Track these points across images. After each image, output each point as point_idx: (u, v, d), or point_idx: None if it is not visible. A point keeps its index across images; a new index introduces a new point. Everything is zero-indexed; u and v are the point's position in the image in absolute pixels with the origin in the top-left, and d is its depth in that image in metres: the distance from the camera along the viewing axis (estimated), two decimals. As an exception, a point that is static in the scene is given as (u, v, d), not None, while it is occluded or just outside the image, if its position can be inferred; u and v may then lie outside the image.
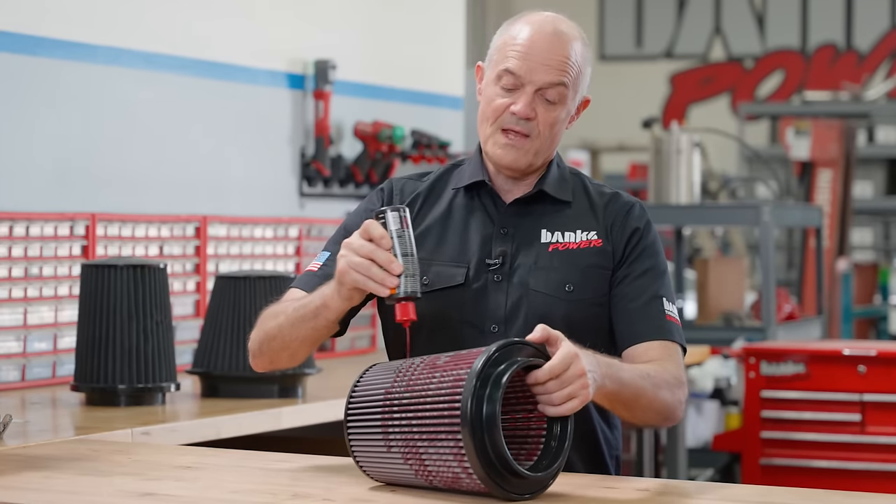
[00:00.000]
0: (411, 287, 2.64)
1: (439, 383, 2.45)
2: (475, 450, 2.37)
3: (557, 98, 2.84)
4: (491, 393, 2.38)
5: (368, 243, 2.64)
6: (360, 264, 2.64)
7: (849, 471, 5.32)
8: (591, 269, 2.87)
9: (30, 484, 2.72)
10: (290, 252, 5.30)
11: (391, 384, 2.54)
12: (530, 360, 2.44)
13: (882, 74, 12.87)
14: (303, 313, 2.79)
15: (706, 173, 8.12)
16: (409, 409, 2.48)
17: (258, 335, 2.89)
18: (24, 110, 4.45)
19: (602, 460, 2.92)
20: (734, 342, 6.16)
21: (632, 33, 13.78)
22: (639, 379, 2.71)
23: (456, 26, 6.46)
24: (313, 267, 2.94)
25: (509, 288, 2.85)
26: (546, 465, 2.46)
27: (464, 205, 2.93)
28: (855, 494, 2.60)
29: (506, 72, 2.83)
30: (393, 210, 2.67)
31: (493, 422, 2.37)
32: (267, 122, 5.41)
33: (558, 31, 2.85)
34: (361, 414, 2.57)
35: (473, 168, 2.94)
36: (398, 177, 3.02)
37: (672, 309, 2.88)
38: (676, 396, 2.79)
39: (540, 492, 2.46)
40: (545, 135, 2.85)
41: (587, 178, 2.99)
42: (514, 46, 2.83)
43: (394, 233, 2.65)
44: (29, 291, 4.35)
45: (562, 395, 2.45)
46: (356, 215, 2.96)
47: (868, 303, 10.71)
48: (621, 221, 2.91)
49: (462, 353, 2.49)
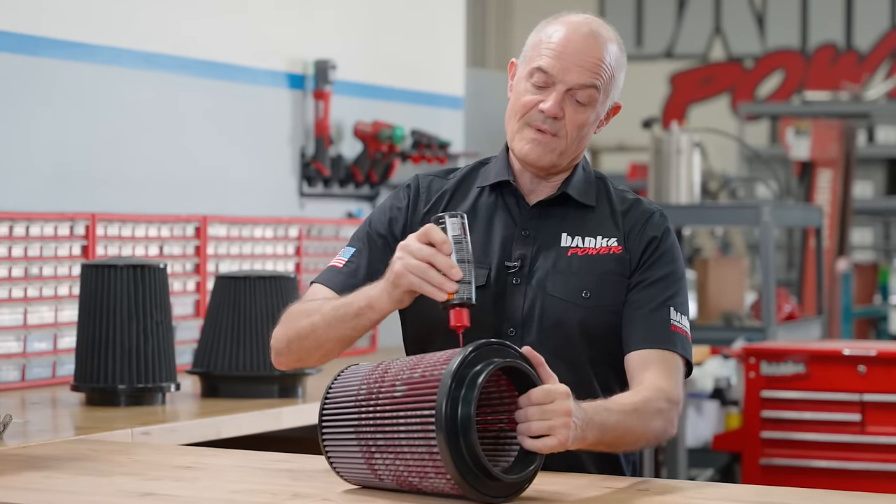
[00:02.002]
0: (468, 293, 2.62)
1: (415, 384, 2.42)
2: (450, 452, 2.33)
3: (587, 100, 2.82)
4: (466, 394, 2.35)
5: (428, 247, 2.61)
6: (417, 267, 2.60)
7: (849, 471, 5.32)
8: (609, 275, 2.84)
9: (30, 484, 2.72)
10: (290, 252, 5.30)
11: (366, 385, 2.51)
12: (507, 362, 2.40)
13: (882, 74, 12.87)
14: (343, 313, 2.75)
15: (706, 173, 8.12)
16: (383, 411, 2.45)
17: (286, 333, 2.84)
18: (25, 110, 4.45)
19: (618, 464, 2.88)
20: (734, 342, 6.16)
21: (632, 33, 13.77)
22: (625, 417, 2.65)
23: (456, 26, 6.46)
24: (337, 263, 2.90)
25: (527, 291, 2.83)
26: (522, 468, 2.42)
27: (488, 204, 2.91)
28: (855, 494, 2.59)
29: (538, 69, 2.81)
30: (452, 216, 2.65)
31: (467, 423, 2.34)
32: (267, 122, 5.41)
33: (594, 33, 2.83)
34: (335, 415, 2.55)
35: (499, 167, 2.93)
36: (424, 173, 2.99)
37: (679, 319, 2.83)
38: (669, 419, 2.75)
39: (516, 495, 2.43)
40: (572, 136, 2.83)
41: (612, 182, 2.97)
42: (549, 45, 2.81)
43: (453, 239, 2.63)
44: (29, 291, 4.35)
45: (542, 426, 2.41)
46: (381, 212, 2.94)
47: (868, 303, 10.71)
48: (640, 229, 2.87)
49: (439, 354, 2.46)
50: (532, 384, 2.43)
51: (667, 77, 13.69)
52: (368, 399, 2.49)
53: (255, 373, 4.06)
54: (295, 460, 2.91)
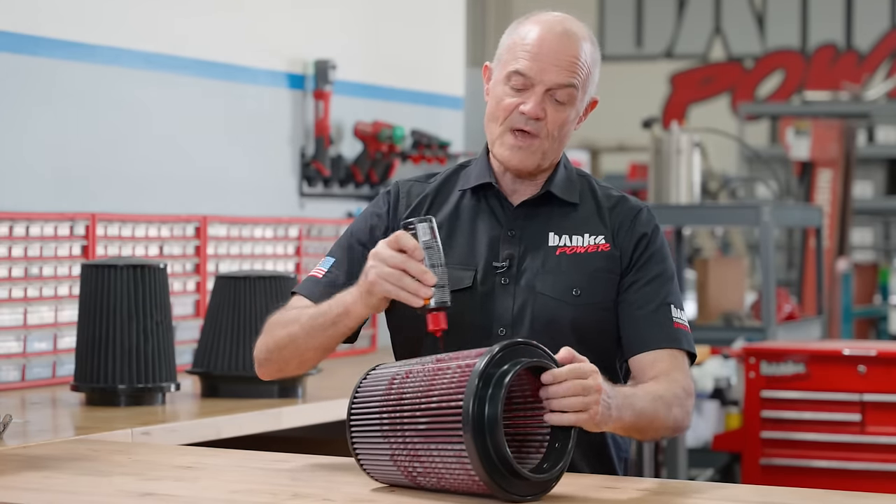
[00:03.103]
0: (443, 297, 2.65)
1: (441, 384, 2.44)
2: (477, 451, 2.35)
3: (567, 99, 2.83)
4: (493, 393, 2.37)
5: (399, 254, 2.64)
6: (391, 275, 2.64)
7: (849, 471, 5.32)
8: (599, 273, 2.85)
9: (30, 484, 2.72)
10: (290, 252, 5.30)
11: (394, 385, 2.53)
12: (534, 361, 2.43)
13: (882, 74, 12.87)
14: (321, 322, 2.78)
15: (706, 173, 8.12)
16: (410, 410, 2.47)
17: (266, 343, 2.87)
18: (24, 110, 4.45)
19: (610, 463, 2.91)
20: (734, 342, 6.16)
21: (632, 33, 13.78)
22: (652, 403, 2.70)
23: (456, 26, 6.46)
24: (317, 273, 2.92)
25: (516, 291, 2.84)
26: (549, 467, 2.44)
27: (471, 206, 2.92)
28: (855, 494, 2.59)
29: (515, 72, 2.82)
30: (421, 221, 2.68)
31: (494, 422, 2.36)
32: (267, 122, 5.41)
33: (568, 32, 2.84)
34: (364, 415, 2.57)
35: (480, 169, 2.93)
36: (404, 179, 3.00)
37: (680, 315, 2.86)
38: (686, 409, 2.79)
39: (543, 493, 2.45)
40: (554, 135, 2.84)
41: (594, 179, 2.98)
42: (524, 46, 2.82)
43: (424, 244, 2.66)
44: (29, 291, 4.35)
45: (575, 401, 2.43)
46: (362, 220, 2.95)
47: (868, 303, 10.71)
48: (628, 226, 2.89)
49: (464, 353, 2.48)
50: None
51: (667, 77, 13.69)
52: (398, 399, 2.50)
53: (255, 373, 4.05)
54: (295, 460, 2.91)
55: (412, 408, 2.47)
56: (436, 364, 2.50)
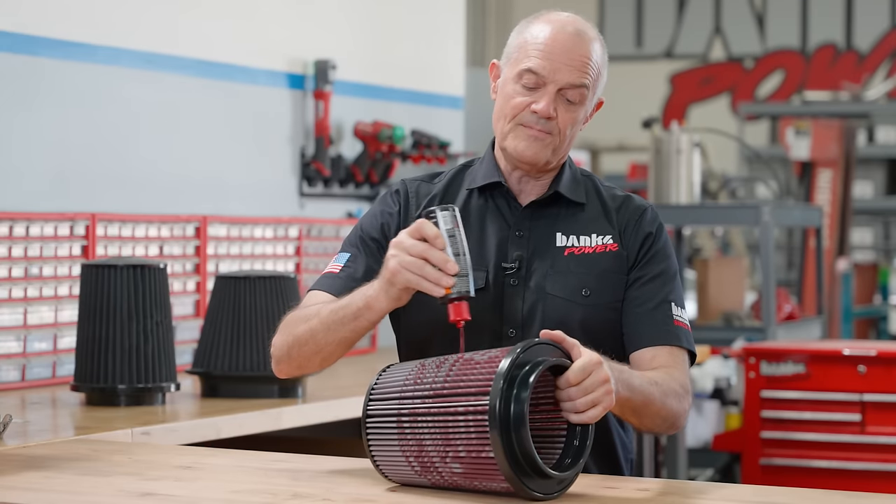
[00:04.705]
0: (465, 287, 2.60)
1: (462, 383, 2.44)
2: (504, 450, 2.36)
3: (578, 99, 2.83)
4: (518, 393, 2.38)
5: (421, 243, 2.60)
6: (412, 263, 2.59)
7: (849, 471, 5.31)
8: (608, 273, 2.86)
9: (30, 484, 2.72)
10: (290, 252, 5.30)
11: (410, 385, 2.52)
12: (556, 361, 2.44)
13: (882, 74, 12.87)
14: (341, 315, 2.73)
15: (706, 173, 8.12)
16: (429, 411, 2.47)
17: (286, 340, 2.83)
18: (24, 110, 4.45)
19: (617, 463, 2.91)
20: (734, 342, 6.16)
21: (632, 33, 13.77)
22: (647, 385, 2.70)
23: (456, 26, 6.46)
24: (334, 269, 2.89)
25: (525, 292, 2.84)
26: (570, 464, 2.46)
27: (479, 207, 2.91)
28: (855, 494, 2.59)
29: (528, 70, 2.81)
30: (443, 209, 2.64)
31: (521, 422, 2.37)
32: (267, 122, 5.41)
33: (580, 32, 2.83)
34: (379, 415, 2.56)
35: (486, 168, 2.92)
36: (410, 178, 2.98)
37: (681, 314, 2.87)
38: (682, 405, 2.79)
39: (563, 491, 2.47)
40: (564, 134, 2.84)
41: (598, 179, 2.98)
42: (537, 45, 2.81)
43: (445, 232, 2.62)
44: (29, 291, 4.35)
45: (585, 401, 2.44)
46: (372, 217, 2.93)
47: (868, 303, 10.71)
48: (634, 225, 2.90)
49: (482, 353, 2.48)
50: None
51: (667, 77, 13.69)
52: (418, 397, 2.50)
53: (255, 373, 4.06)
54: (295, 460, 2.91)
55: (432, 407, 2.46)
56: (454, 363, 2.49)
